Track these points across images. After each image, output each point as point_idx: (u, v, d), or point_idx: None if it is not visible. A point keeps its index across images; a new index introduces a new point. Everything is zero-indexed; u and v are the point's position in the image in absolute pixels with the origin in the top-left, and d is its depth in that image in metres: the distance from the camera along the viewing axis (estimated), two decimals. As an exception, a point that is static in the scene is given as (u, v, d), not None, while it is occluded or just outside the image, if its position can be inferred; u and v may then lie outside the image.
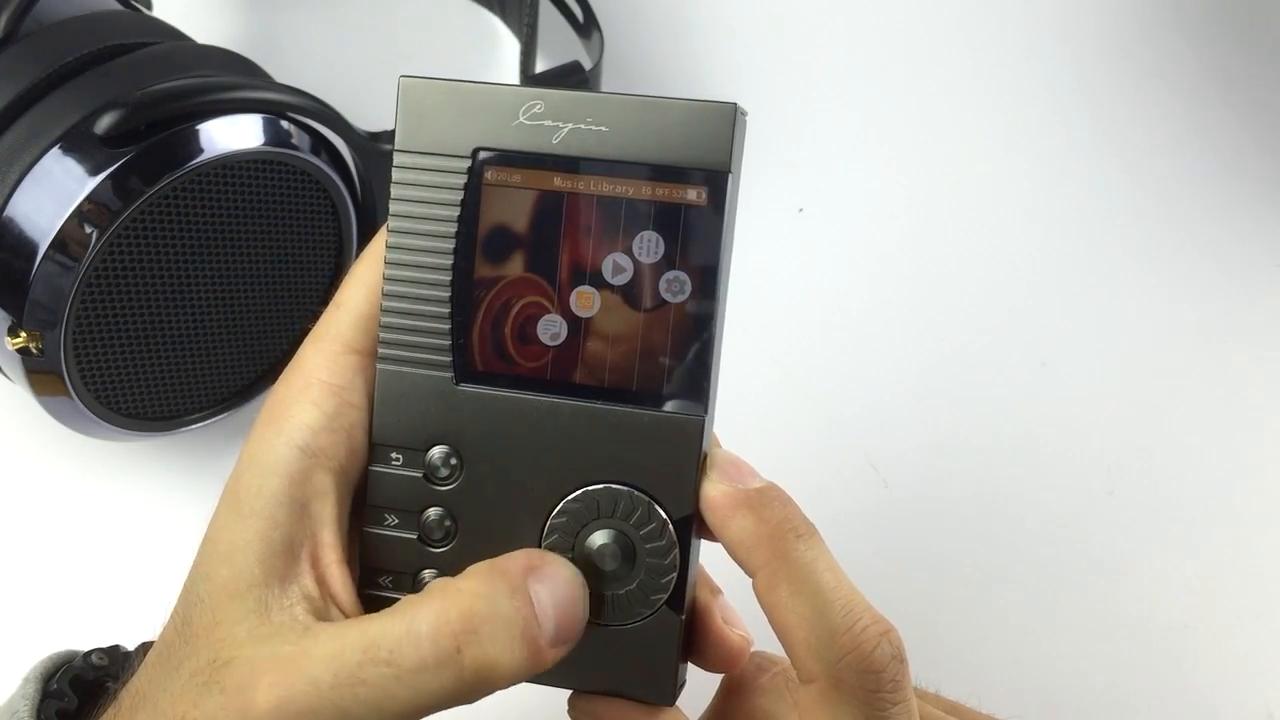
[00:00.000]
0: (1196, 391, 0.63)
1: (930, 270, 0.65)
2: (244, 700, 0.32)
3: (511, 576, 0.33)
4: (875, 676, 0.32)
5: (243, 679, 0.32)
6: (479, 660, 0.32)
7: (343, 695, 0.31)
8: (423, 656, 0.32)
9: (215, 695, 0.32)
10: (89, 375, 0.50)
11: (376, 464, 0.36)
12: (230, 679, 0.32)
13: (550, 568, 0.34)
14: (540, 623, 0.33)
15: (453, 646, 0.32)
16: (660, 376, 0.35)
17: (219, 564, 0.34)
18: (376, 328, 0.36)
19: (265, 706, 0.32)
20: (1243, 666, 0.57)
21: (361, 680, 0.31)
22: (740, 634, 0.37)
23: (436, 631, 0.32)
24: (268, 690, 0.32)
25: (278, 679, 0.32)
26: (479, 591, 0.33)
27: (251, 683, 0.32)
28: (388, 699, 0.31)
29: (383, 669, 0.31)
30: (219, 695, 0.32)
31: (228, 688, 0.32)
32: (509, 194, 0.35)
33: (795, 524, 0.34)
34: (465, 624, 0.32)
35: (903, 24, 0.72)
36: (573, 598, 0.34)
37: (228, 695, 0.32)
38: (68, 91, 0.49)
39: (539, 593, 0.33)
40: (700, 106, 0.34)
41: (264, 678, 0.32)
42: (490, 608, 0.32)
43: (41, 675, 0.39)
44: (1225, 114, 0.70)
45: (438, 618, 0.32)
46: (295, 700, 0.31)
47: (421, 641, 0.32)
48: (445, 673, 0.32)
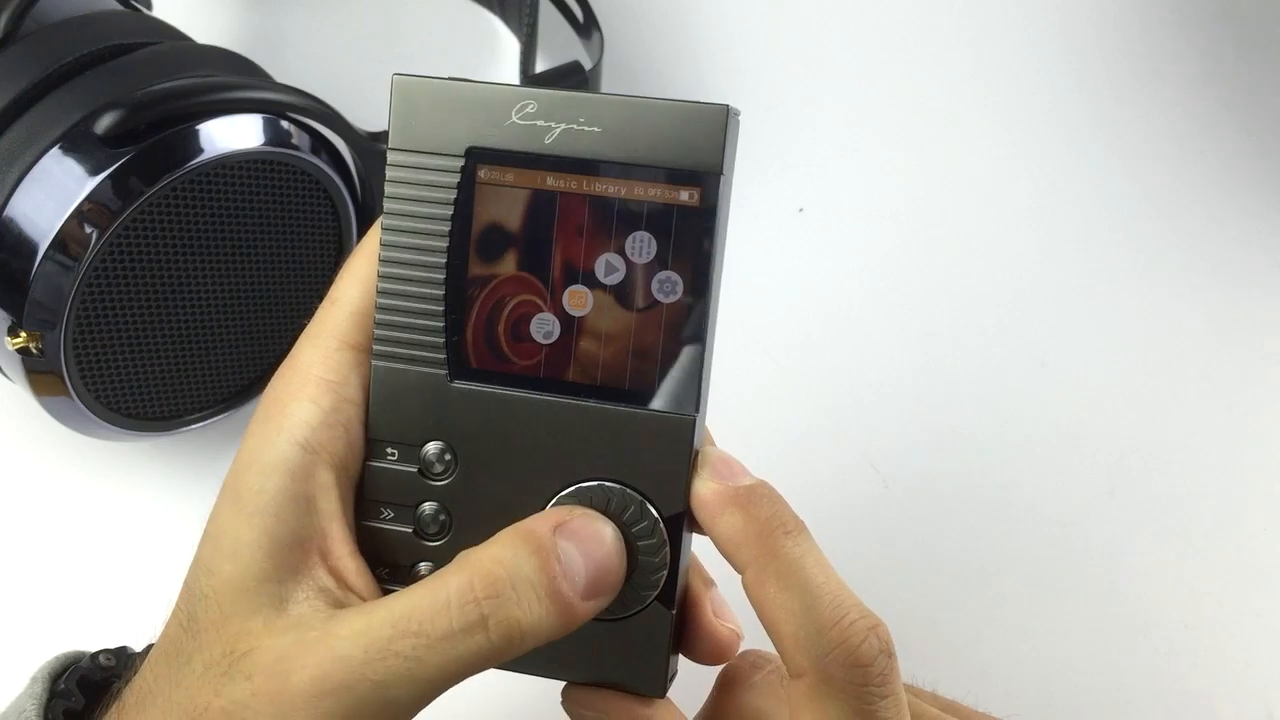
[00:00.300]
0: (1197, 391, 0.63)
1: (930, 270, 0.65)
2: (276, 684, 0.32)
3: (536, 536, 0.34)
4: (863, 671, 0.32)
5: (270, 665, 0.32)
6: (504, 623, 0.32)
7: (375, 669, 0.32)
8: (450, 625, 0.32)
9: (241, 683, 0.32)
10: (89, 375, 0.50)
11: (372, 459, 0.37)
12: (255, 667, 0.33)
13: (579, 521, 0.35)
14: (568, 578, 0.33)
15: (478, 613, 0.32)
16: (652, 375, 0.35)
17: (223, 561, 0.34)
18: (372, 324, 0.36)
19: (299, 687, 0.32)
20: (1243, 666, 0.57)
21: (394, 653, 0.32)
22: (730, 627, 0.38)
23: (462, 600, 0.32)
24: (300, 671, 0.32)
25: (308, 660, 0.32)
26: (501, 557, 0.33)
27: (281, 667, 0.32)
28: (420, 668, 0.32)
29: (413, 640, 0.32)
30: (245, 682, 0.32)
31: (254, 674, 0.32)
32: (502, 193, 0.35)
33: (784, 520, 0.34)
34: (488, 590, 0.32)
35: (902, 24, 0.72)
36: (605, 550, 0.35)
37: (256, 681, 0.32)
38: (68, 91, 0.49)
39: (567, 549, 0.34)
40: (692, 108, 0.34)
41: (294, 661, 0.32)
42: (511, 571, 0.33)
43: (49, 675, 0.39)
44: (1225, 114, 0.69)
45: (463, 587, 0.32)
46: (329, 677, 0.32)
47: (449, 611, 0.32)
48: (474, 638, 0.32)
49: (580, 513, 0.35)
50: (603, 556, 0.34)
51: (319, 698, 0.32)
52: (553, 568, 0.33)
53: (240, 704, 0.32)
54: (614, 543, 0.35)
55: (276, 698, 0.32)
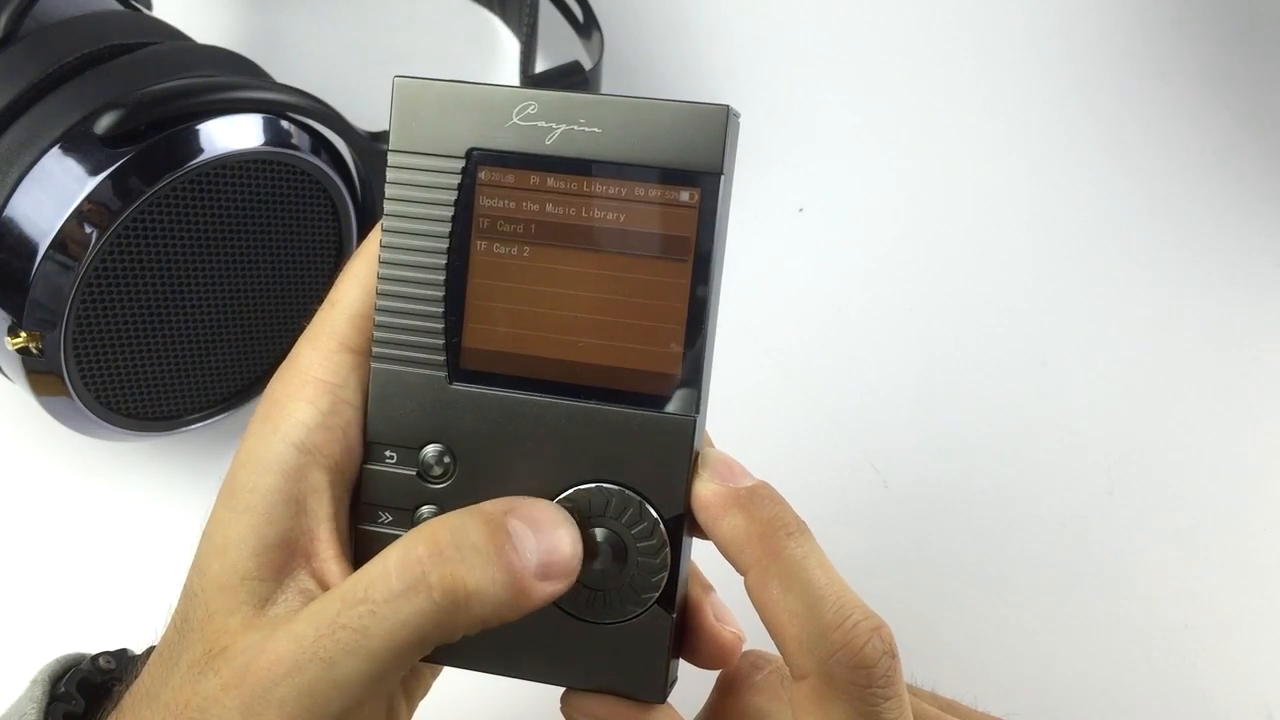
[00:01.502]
0: (1197, 391, 0.63)
1: (930, 270, 0.65)
2: (239, 675, 0.32)
3: (486, 512, 0.33)
4: (867, 672, 0.32)
5: (236, 658, 0.33)
6: (447, 580, 0.32)
7: (324, 645, 0.32)
8: (391, 586, 0.32)
9: (211, 679, 0.33)
10: (89, 375, 0.50)
11: (371, 461, 0.37)
12: (225, 663, 0.33)
13: (529, 505, 0.34)
14: (518, 551, 0.33)
15: (419, 571, 0.32)
16: (652, 377, 0.35)
17: (213, 559, 0.35)
18: (371, 326, 0.36)
19: (258, 674, 0.32)
20: (1243, 666, 0.57)
21: (340, 625, 0.32)
22: (732, 630, 0.38)
23: (404, 560, 0.32)
24: (259, 660, 0.32)
25: (267, 648, 0.32)
26: (448, 523, 0.33)
27: (245, 658, 0.32)
28: (366, 637, 0.31)
29: (358, 609, 0.32)
30: (215, 678, 0.33)
31: (222, 670, 0.33)
32: (502, 194, 0.35)
33: (786, 522, 0.34)
34: (431, 550, 0.32)
35: (903, 24, 0.72)
36: (556, 532, 0.34)
37: (223, 675, 0.32)
38: (68, 91, 0.49)
39: (517, 527, 0.33)
40: (692, 108, 0.34)
41: (256, 651, 0.32)
42: (455, 534, 0.33)
43: (49, 678, 0.39)
44: (1225, 114, 0.69)
45: (406, 550, 0.32)
46: (282, 660, 0.32)
47: (390, 574, 0.32)
48: (417, 598, 0.32)
49: (533, 500, 0.35)
50: (554, 538, 0.34)
51: (275, 683, 0.32)
52: (500, 537, 0.33)
53: (211, 699, 0.32)
54: (567, 526, 0.35)
55: (239, 688, 0.32)
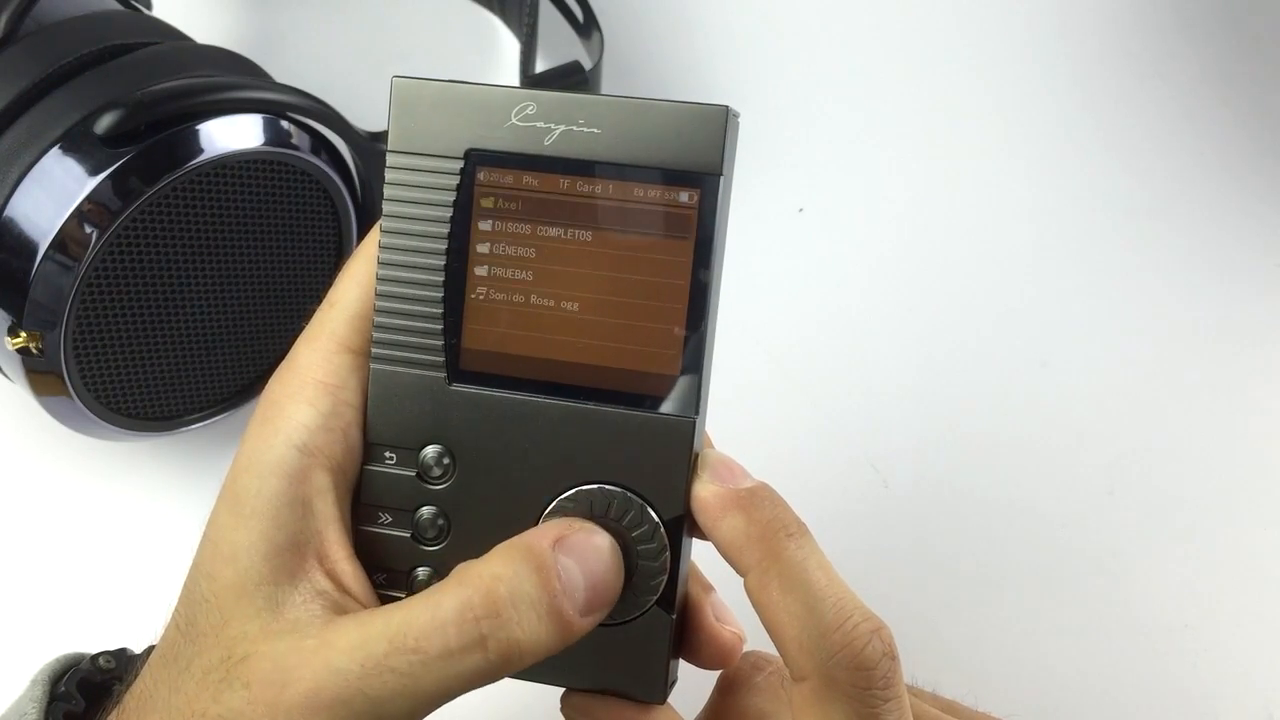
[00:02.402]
0: (1196, 391, 0.63)
1: (930, 270, 0.65)
2: (273, 694, 0.32)
3: (536, 553, 0.33)
4: (866, 674, 0.32)
5: (266, 673, 0.32)
6: (503, 643, 0.32)
7: (371, 684, 0.31)
8: (448, 644, 0.32)
9: (238, 690, 0.32)
10: (89, 375, 0.50)
11: (370, 463, 0.37)
12: (253, 674, 0.32)
13: (579, 536, 0.34)
14: (567, 595, 0.33)
15: (477, 632, 0.32)
16: (651, 378, 0.35)
17: (222, 565, 0.34)
18: (370, 327, 0.36)
19: (295, 699, 0.32)
20: (1243, 666, 0.57)
21: (390, 668, 0.31)
22: (732, 630, 0.38)
23: (461, 618, 0.32)
24: (296, 683, 0.32)
25: (304, 671, 0.32)
26: (501, 574, 0.33)
27: (277, 677, 0.32)
28: (416, 685, 0.31)
29: (410, 657, 0.32)
30: (242, 690, 0.32)
31: (251, 682, 0.32)
32: (501, 195, 0.35)
33: (786, 523, 0.34)
34: (488, 609, 0.32)
35: (902, 24, 0.72)
36: (604, 565, 0.34)
37: (253, 690, 0.32)
38: (68, 91, 0.49)
39: (567, 566, 0.33)
40: (691, 109, 0.34)
41: (290, 671, 0.32)
42: (512, 590, 0.32)
43: (49, 677, 0.39)
44: (1225, 114, 0.69)
45: (462, 604, 0.32)
46: (324, 690, 0.32)
47: (447, 629, 0.32)
48: (472, 657, 0.32)
49: (579, 526, 0.35)
50: (602, 572, 0.34)
51: (315, 711, 0.31)
52: (553, 585, 0.33)
53: (236, 712, 0.32)
54: (613, 557, 0.35)
55: (273, 708, 0.32)
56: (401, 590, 0.36)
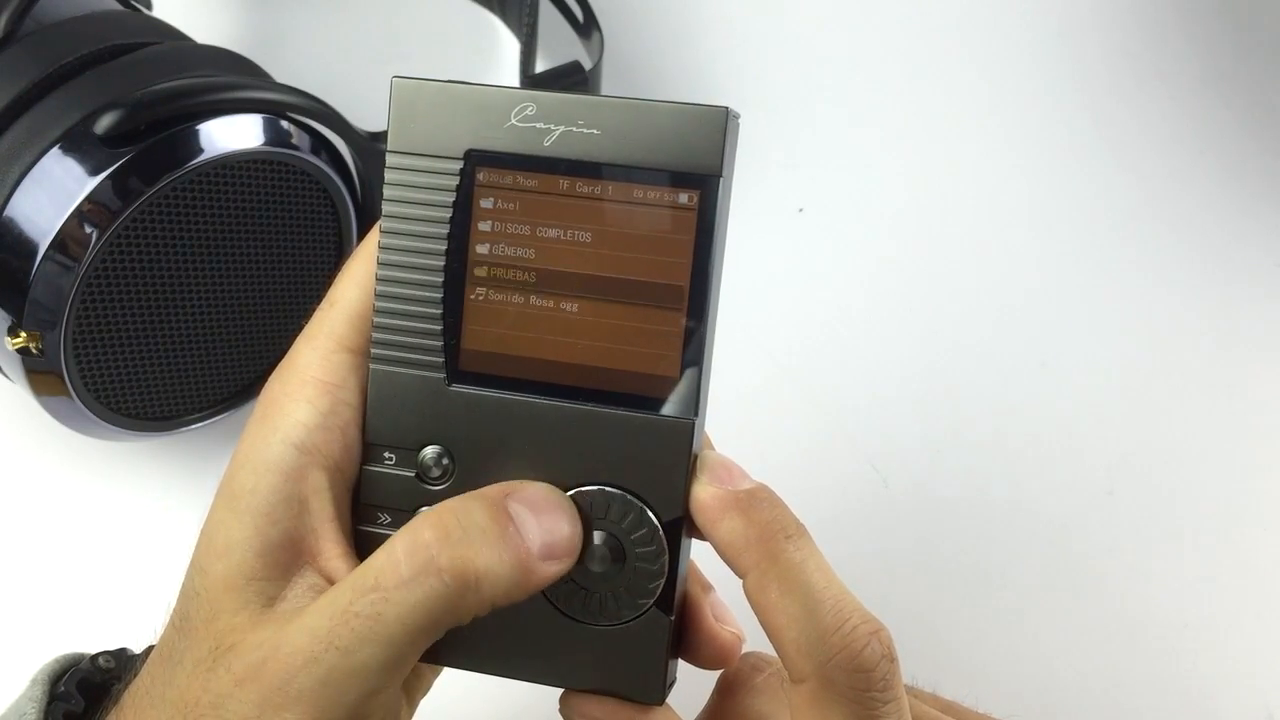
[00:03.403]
0: (1196, 391, 0.63)
1: (930, 270, 0.65)
2: (254, 671, 0.32)
3: (487, 495, 0.34)
4: (865, 676, 0.32)
5: (249, 654, 0.33)
6: (457, 563, 0.32)
7: (339, 635, 0.32)
8: (400, 574, 0.32)
9: (223, 675, 0.33)
10: (89, 375, 0.50)
11: (369, 463, 0.37)
12: (237, 659, 0.33)
13: (527, 488, 0.35)
14: (523, 534, 0.33)
15: (428, 556, 0.32)
16: (651, 379, 0.35)
17: (215, 559, 0.34)
18: (370, 326, 0.36)
19: (274, 668, 0.32)
20: (1243, 666, 0.57)
21: (354, 614, 0.32)
22: (731, 631, 0.38)
23: (412, 546, 0.32)
24: (275, 655, 0.32)
25: (283, 645, 0.32)
26: (451, 507, 0.33)
27: (259, 655, 0.32)
28: (380, 623, 0.32)
29: (369, 596, 0.32)
30: (226, 674, 0.33)
31: (234, 666, 0.33)
32: (501, 196, 0.35)
33: (785, 525, 0.34)
34: (438, 534, 0.33)
35: (903, 24, 0.72)
36: (556, 514, 0.35)
37: (236, 671, 0.32)
38: (68, 91, 0.49)
39: (517, 509, 0.34)
40: (691, 110, 0.34)
41: (272, 649, 0.32)
42: (460, 518, 0.33)
43: (49, 677, 0.39)
44: (1225, 114, 0.69)
45: (412, 535, 0.33)
46: (298, 653, 0.32)
47: (399, 560, 0.32)
48: (428, 582, 0.32)
49: (530, 484, 0.35)
50: (553, 519, 0.34)
51: (292, 676, 0.32)
52: (502, 518, 0.33)
53: (225, 695, 0.32)
54: (566, 508, 0.35)
55: (255, 682, 0.32)
56: None
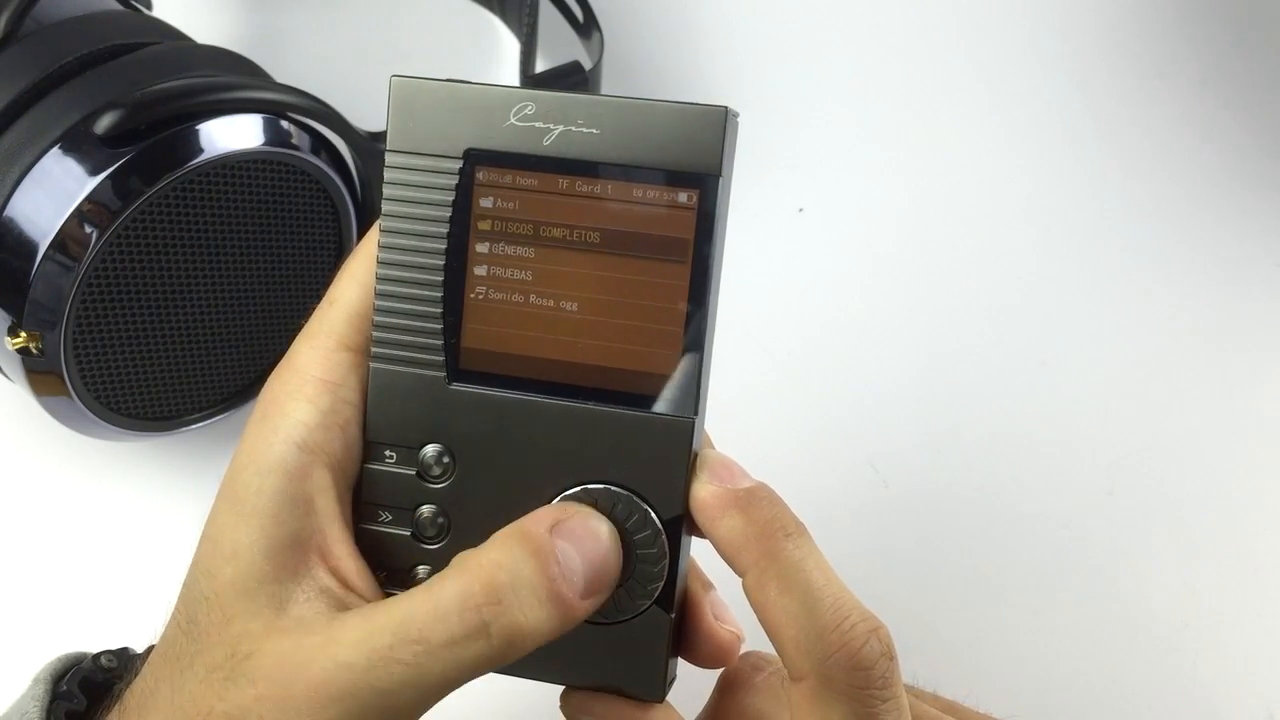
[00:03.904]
0: (1196, 391, 0.63)
1: (930, 270, 0.65)
2: (280, 690, 0.32)
3: (534, 538, 0.33)
4: (864, 674, 0.32)
5: (272, 670, 0.32)
6: (506, 629, 0.32)
7: (378, 676, 0.32)
8: (452, 633, 0.32)
9: (244, 687, 0.32)
10: (89, 375, 0.50)
11: (370, 461, 0.37)
12: (258, 671, 0.32)
13: (575, 520, 0.34)
14: (567, 579, 0.33)
15: (479, 620, 0.32)
16: (651, 378, 0.35)
17: (223, 562, 0.34)
18: (370, 325, 0.36)
19: (304, 693, 0.32)
20: (1243, 666, 0.57)
21: (396, 660, 0.32)
22: (731, 629, 0.38)
23: (463, 606, 0.32)
24: (304, 678, 0.32)
25: (312, 666, 0.32)
26: (500, 561, 0.33)
27: (283, 673, 0.32)
28: (422, 675, 0.32)
29: (414, 648, 0.32)
30: (249, 687, 0.32)
31: (257, 679, 0.32)
32: (500, 195, 0.35)
33: (784, 523, 0.34)
34: (489, 596, 0.32)
35: (903, 24, 0.72)
36: (602, 548, 0.34)
37: (259, 686, 0.32)
38: (68, 91, 0.49)
39: (564, 549, 0.34)
40: (691, 109, 0.34)
41: (297, 667, 0.32)
42: (512, 576, 0.33)
43: (51, 676, 0.39)
44: (1225, 114, 0.69)
45: (463, 593, 0.32)
46: (333, 684, 0.32)
47: (450, 618, 0.32)
48: (475, 645, 0.32)
49: (575, 509, 0.35)
50: (600, 555, 0.34)
51: (324, 705, 0.32)
52: (552, 569, 0.33)
53: (244, 709, 0.32)
54: (610, 539, 0.35)
55: (281, 704, 0.32)
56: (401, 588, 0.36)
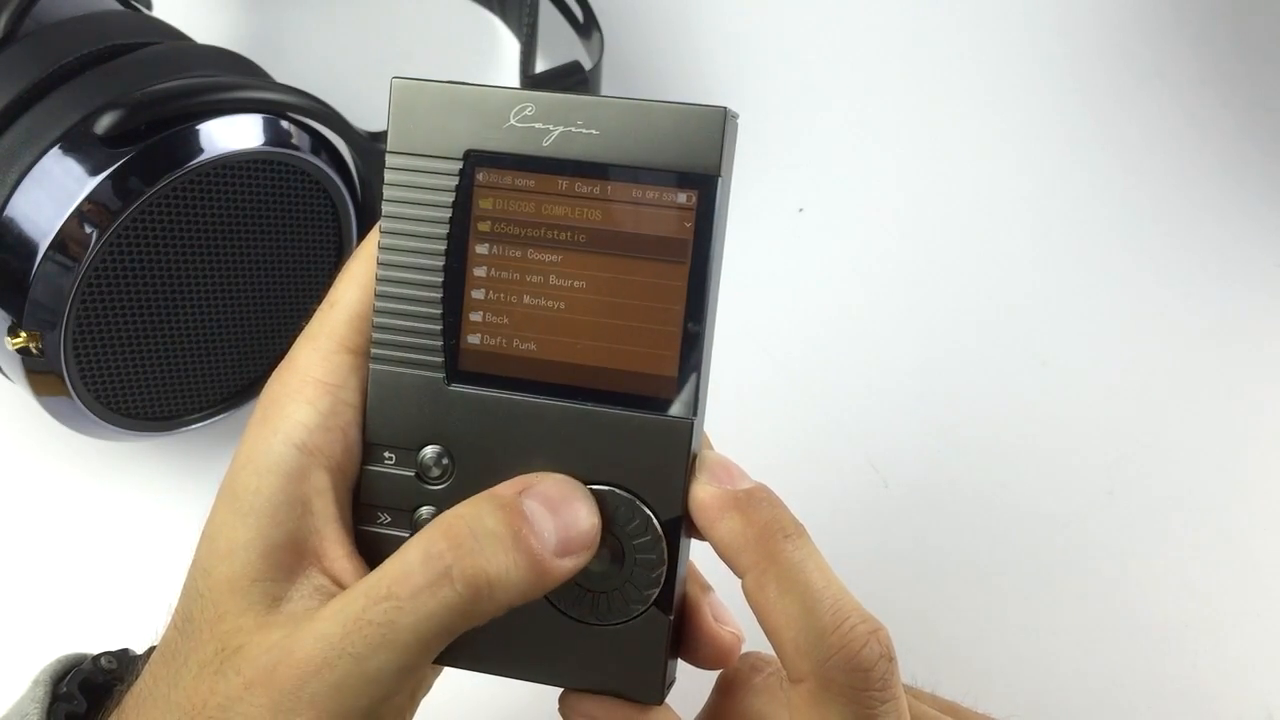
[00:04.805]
0: (1196, 391, 0.63)
1: (929, 270, 0.65)
2: (265, 675, 0.32)
3: (499, 495, 0.34)
4: (864, 675, 0.32)
5: (258, 657, 0.33)
6: (469, 572, 0.32)
7: (352, 641, 0.32)
8: (415, 583, 0.32)
9: (232, 678, 0.33)
10: (89, 375, 0.50)
11: (370, 463, 0.37)
12: (246, 662, 0.33)
13: (546, 483, 0.35)
14: (535, 533, 0.33)
15: (441, 565, 0.32)
16: (650, 379, 0.35)
17: (219, 561, 0.34)
18: (370, 327, 0.36)
19: (286, 673, 0.32)
20: (1243, 666, 0.57)
21: (367, 621, 0.32)
22: (731, 631, 0.38)
23: (425, 555, 0.32)
24: (286, 659, 0.32)
25: (294, 649, 0.32)
26: (462, 513, 0.33)
27: (270, 658, 0.32)
28: (394, 631, 0.32)
29: (383, 604, 0.32)
30: (235, 677, 0.33)
31: (243, 669, 0.33)
32: (500, 196, 0.35)
33: (783, 524, 0.34)
34: (450, 543, 0.32)
35: (902, 24, 0.72)
36: (573, 506, 0.34)
37: (245, 674, 0.32)
38: (68, 91, 0.49)
39: (533, 507, 0.34)
40: (690, 110, 0.34)
41: (283, 653, 0.32)
42: (471, 524, 0.33)
43: (51, 678, 0.39)
44: (1225, 114, 0.69)
45: (426, 544, 0.33)
46: (312, 658, 0.32)
47: (413, 569, 0.32)
48: (441, 592, 0.32)
49: (547, 477, 0.35)
50: (572, 513, 0.34)
51: (304, 681, 0.32)
52: (516, 521, 0.33)
53: (234, 699, 0.32)
54: (583, 501, 0.35)
55: (266, 687, 0.32)
56: None
